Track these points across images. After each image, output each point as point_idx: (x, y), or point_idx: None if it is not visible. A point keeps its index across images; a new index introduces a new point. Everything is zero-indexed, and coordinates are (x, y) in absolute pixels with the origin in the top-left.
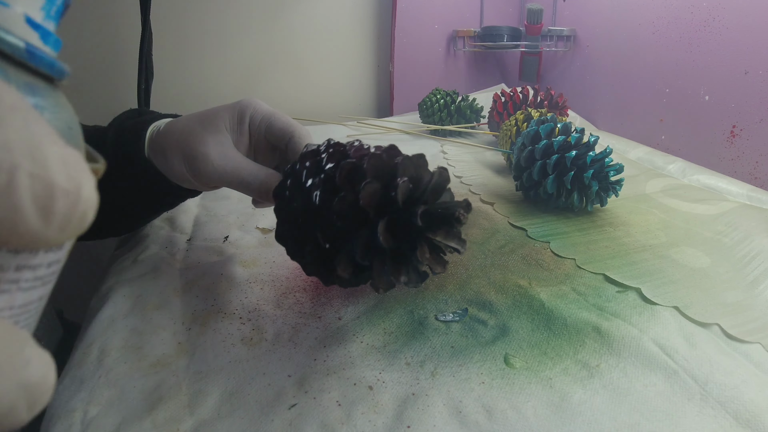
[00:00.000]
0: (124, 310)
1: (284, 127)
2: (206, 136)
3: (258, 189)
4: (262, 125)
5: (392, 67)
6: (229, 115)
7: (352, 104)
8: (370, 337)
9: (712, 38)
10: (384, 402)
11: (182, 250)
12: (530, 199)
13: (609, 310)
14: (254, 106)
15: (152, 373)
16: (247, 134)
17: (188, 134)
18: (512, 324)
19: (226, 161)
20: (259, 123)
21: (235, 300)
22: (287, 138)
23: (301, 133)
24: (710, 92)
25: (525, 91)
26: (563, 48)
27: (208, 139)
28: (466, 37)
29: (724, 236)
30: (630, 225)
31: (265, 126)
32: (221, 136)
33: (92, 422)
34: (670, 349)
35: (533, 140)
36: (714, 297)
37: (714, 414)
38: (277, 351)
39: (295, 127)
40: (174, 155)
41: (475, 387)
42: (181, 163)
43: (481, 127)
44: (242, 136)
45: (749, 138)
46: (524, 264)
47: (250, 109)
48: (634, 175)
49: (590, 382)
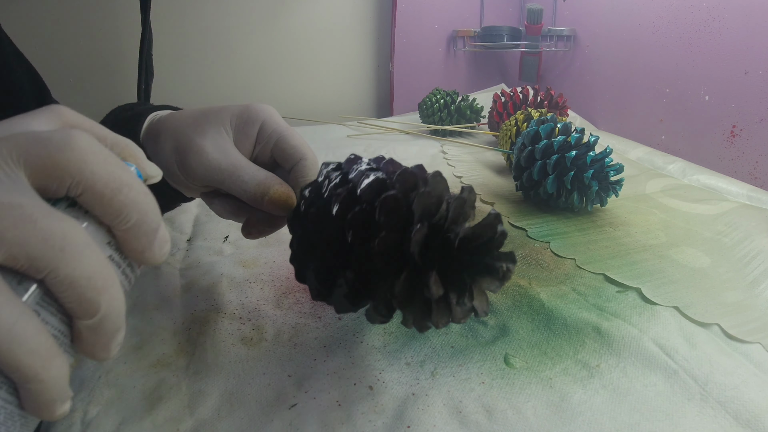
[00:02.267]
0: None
1: (297, 147)
2: (206, 128)
3: (254, 190)
4: (272, 137)
5: (392, 67)
6: (238, 112)
7: (352, 104)
8: (370, 337)
9: (712, 38)
10: (384, 402)
11: (182, 250)
12: (530, 199)
13: (609, 310)
14: (270, 114)
15: (152, 373)
16: (253, 140)
17: (187, 125)
18: (512, 324)
19: (222, 156)
20: (270, 134)
21: (235, 300)
22: (296, 160)
23: (313, 159)
24: (710, 92)
25: (525, 91)
26: (563, 48)
27: (208, 130)
28: (466, 37)
29: (724, 236)
30: (630, 225)
31: (276, 139)
32: (222, 130)
33: (92, 422)
34: (670, 349)
35: (533, 140)
36: (714, 297)
37: (714, 414)
38: (277, 351)
39: (307, 151)
40: (166, 144)
41: (475, 387)
42: (172, 154)
43: (481, 127)
44: (247, 139)
45: (749, 138)
46: (524, 264)
47: (264, 115)
48: (634, 175)
49: (590, 382)
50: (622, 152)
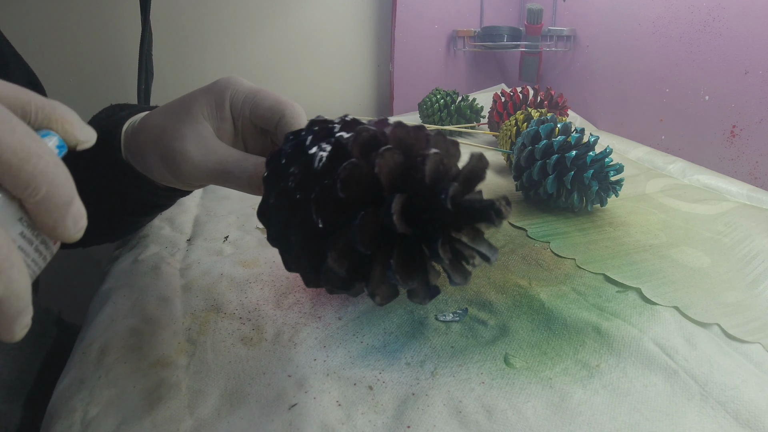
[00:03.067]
0: (124, 310)
1: (272, 106)
2: (182, 130)
3: (248, 182)
4: (245, 107)
5: (392, 67)
6: (206, 99)
7: (352, 104)
8: (370, 337)
9: (712, 38)
10: (384, 402)
11: (182, 250)
12: (530, 199)
13: (609, 310)
14: (234, 85)
15: (152, 373)
16: (229, 119)
17: (162, 130)
18: (512, 324)
19: (207, 156)
20: (242, 104)
21: (235, 300)
22: (276, 119)
23: (293, 112)
24: (710, 92)
25: (525, 91)
26: (563, 48)
27: (185, 132)
28: (466, 37)
29: (724, 236)
30: (630, 225)
31: (249, 107)
32: (199, 126)
33: (92, 422)
34: (670, 349)
35: (533, 140)
36: (714, 297)
37: (714, 414)
38: (277, 351)
39: (285, 106)
40: (152, 157)
41: (475, 387)
42: (159, 163)
43: (481, 127)
44: (224, 123)
45: (749, 138)
46: (524, 264)
47: (230, 89)
48: (634, 175)
49: (590, 382)
50: (622, 152)
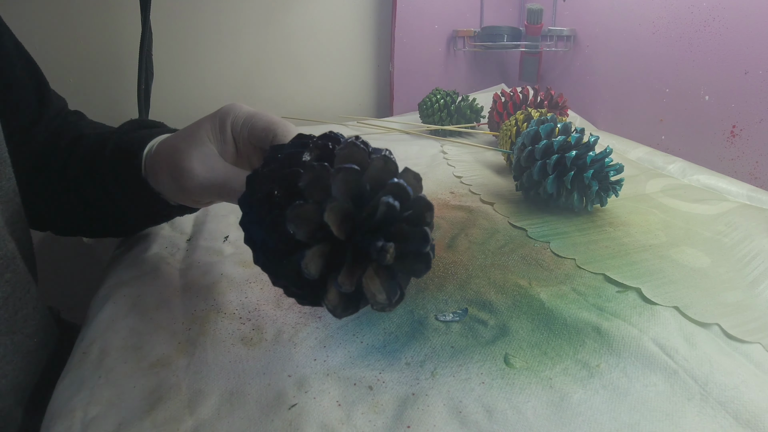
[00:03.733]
0: (124, 310)
1: (266, 127)
2: (190, 151)
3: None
4: (243, 129)
5: (392, 67)
6: (211, 124)
7: (352, 104)
8: (370, 337)
9: (712, 38)
10: (384, 402)
11: (182, 250)
12: (530, 199)
13: (609, 310)
14: (234, 111)
15: (152, 373)
16: (231, 141)
17: (173, 152)
18: (512, 324)
19: (212, 174)
20: (241, 127)
21: (235, 300)
22: (270, 138)
23: (284, 130)
24: (710, 92)
25: (525, 91)
26: (563, 48)
27: (192, 153)
28: (466, 37)
29: (724, 236)
30: (630, 225)
31: (248, 129)
32: (205, 148)
33: (92, 422)
34: (670, 349)
35: (533, 140)
36: (714, 297)
37: (714, 414)
38: (277, 351)
39: (277, 126)
40: (163, 176)
41: (475, 387)
42: (171, 182)
43: (481, 127)
44: (227, 145)
45: (749, 138)
46: (524, 264)
47: (231, 115)
48: (634, 175)
49: (590, 382)
50: (622, 152)
